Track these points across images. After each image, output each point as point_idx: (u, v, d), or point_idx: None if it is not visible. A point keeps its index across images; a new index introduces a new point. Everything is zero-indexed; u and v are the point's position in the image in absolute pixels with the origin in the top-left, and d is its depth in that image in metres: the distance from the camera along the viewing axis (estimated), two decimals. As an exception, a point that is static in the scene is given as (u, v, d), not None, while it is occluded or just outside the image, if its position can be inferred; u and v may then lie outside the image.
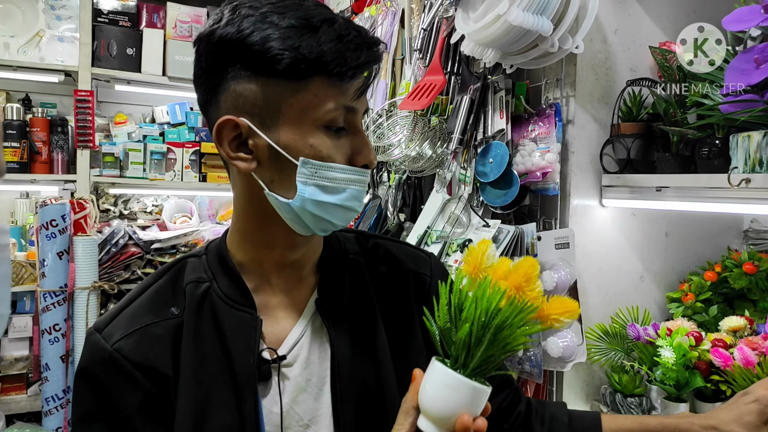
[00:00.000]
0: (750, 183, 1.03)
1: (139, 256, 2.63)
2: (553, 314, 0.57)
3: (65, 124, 2.63)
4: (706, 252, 1.51)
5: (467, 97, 1.50)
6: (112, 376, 0.69)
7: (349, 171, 0.70)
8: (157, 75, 2.76)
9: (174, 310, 0.73)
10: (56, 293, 2.33)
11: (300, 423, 0.74)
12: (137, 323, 0.72)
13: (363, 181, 0.71)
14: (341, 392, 0.74)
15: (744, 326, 1.23)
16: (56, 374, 2.31)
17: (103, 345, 0.70)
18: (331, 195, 0.69)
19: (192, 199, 3.04)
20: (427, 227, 1.60)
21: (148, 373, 0.70)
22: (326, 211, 0.70)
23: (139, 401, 0.69)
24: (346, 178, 0.69)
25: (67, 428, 2.32)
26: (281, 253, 0.76)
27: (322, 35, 0.65)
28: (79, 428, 0.71)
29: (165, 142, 2.83)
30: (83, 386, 0.70)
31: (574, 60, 1.36)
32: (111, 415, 0.69)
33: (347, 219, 0.72)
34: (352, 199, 0.70)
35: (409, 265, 0.85)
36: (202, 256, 0.79)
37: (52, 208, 2.33)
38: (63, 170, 2.62)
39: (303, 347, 0.76)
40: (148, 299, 0.75)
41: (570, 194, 1.38)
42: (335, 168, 0.69)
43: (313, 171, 0.68)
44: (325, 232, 0.73)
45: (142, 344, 0.70)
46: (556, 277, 1.32)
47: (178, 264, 0.78)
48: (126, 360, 0.69)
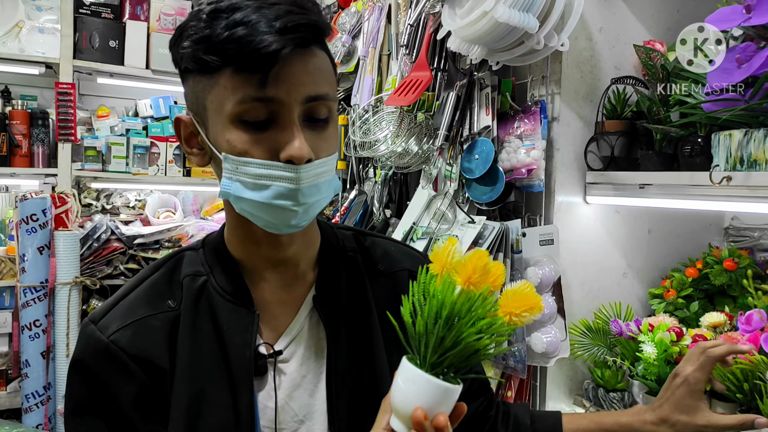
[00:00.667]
0: (731, 181, 1.05)
1: (121, 252, 2.60)
2: (514, 310, 0.55)
3: (46, 117, 2.58)
4: (688, 249, 1.53)
5: (453, 93, 1.50)
6: (108, 367, 0.69)
7: (270, 167, 0.65)
8: (140, 68, 2.72)
9: (171, 302, 0.72)
10: (37, 288, 2.29)
11: (295, 419, 0.74)
12: (134, 315, 0.71)
13: (288, 177, 0.64)
14: (336, 389, 0.74)
15: (724, 322, 1.25)
16: (36, 371, 2.28)
17: (99, 336, 0.69)
18: (255, 192, 0.66)
19: (176, 194, 3.01)
20: (412, 223, 1.60)
21: (144, 365, 0.69)
22: (257, 209, 0.67)
23: (134, 394, 0.69)
24: (267, 174, 0.65)
25: (47, 425, 2.29)
26: (268, 251, 0.75)
27: (224, 26, 0.62)
28: (73, 421, 0.70)
29: (148, 136, 2.80)
30: (77, 378, 0.70)
31: (559, 57, 1.37)
32: (105, 407, 0.69)
33: (286, 219, 0.67)
34: (280, 197, 0.65)
35: (404, 264, 0.85)
36: (199, 249, 0.78)
37: (33, 203, 2.29)
38: (44, 164, 2.57)
39: (300, 343, 0.75)
40: (145, 291, 0.74)
41: (555, 191, 1.39)
42: (252, 163, 0.65)
43: (234, 167, 0.66)
44: (278, 231, 0.70)
45: (138, 336, 0.70)
46: (541, 273, 1.33)
47: (175, 257, 0.78)
48: (122, 352, 0.69)
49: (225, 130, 0.66)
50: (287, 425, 0.73)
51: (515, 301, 0.55)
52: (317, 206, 0.70)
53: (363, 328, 0.78)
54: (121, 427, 0.69)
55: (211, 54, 0.63)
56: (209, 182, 2.90)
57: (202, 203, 3.16)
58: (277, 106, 0.65)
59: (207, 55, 0.64)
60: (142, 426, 0.69)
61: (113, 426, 0.69)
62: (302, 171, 0.65)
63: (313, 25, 0.64)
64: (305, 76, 0.65)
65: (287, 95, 0.64)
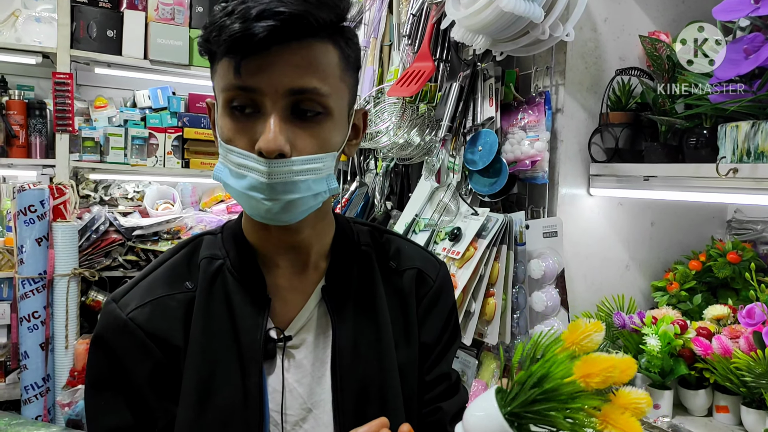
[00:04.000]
0: (737, 173, 1.04)
1: (120, 243, 2.58)
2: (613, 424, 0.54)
3: (43, 107, 2.56)
4: (691, 242, 1.53)
5: (456, 84, 1.49)
6: (125, 344, 0.71)
7: (245, 156, 0.64)
8: (138, 58, 2.69)
9: (188, 284, 0.74)
10: (35, 280, 2.28)
11: (303, 406, 0.74)
12: (152, 295, 0.73)
13: (258, 170, 0.64)
14: (341, 381, 0.74)
15: (727, 315, 1.25)
16: (35, 362, 2.27)
17: (118, 314, 0.72)
18: (235, 180, 0.67)
19: (174, 185, 2.99)
20: (415, 215, 1.59)
21: (160, 343, 0.71)
22: (237, 196, 0.68)
23: (149, 370, 0.71)
24: (243, 163, 0.65)
25: (47, 417, 2.28)
26: (276, 236, 0.75)
27: (219, 14, 0.64)
28: (91, 393, 0.73)
29: (147, 127, 2.78)
30: (97, 353, 0.73)
31: (564, 48, 1.36)
32: (122, 383, 0.71)
33: (260, 210, 0.67)
34: (252, 189, 0.65)
35: (415, 263, 0.84)
36: (218, 234, 0.80)
37: (31, 194, 2.27)
38: (41, 155, 2.55)
39: (309, 331, 0.76)
40: (164, 273, 0.76)
41: (558, 183, 1.38)
42: (235, 152, 0.66)
43: (225, 153, 0.68)
44: (256, 218, 0.70)
45: (155, 315, 0.72)
46: (544, 266, 1.33)
47: (195, 240, 0.80)
48: (140, 329, 0.71)
49: (221, 117, 0.68)
50: (295, 412, 0.74)
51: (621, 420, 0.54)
52: (300, 204, 0.67)
53: (372, 323, 0.78)
54: (136, 402, 0.71)
55: (208, 41, 0.66)
56: (208, 174, 2.88)
57: (200, 195, 3.15)
58: (258, 96, 0.64)
59: (206, 43, 0.67)
60: (155, 402, 0.71)
61: (129, 400, 0.71)
62: (274, 165, 0.64)
63: (299, 15, 0.62)
64: (291, 67, 0.64)
65: (268, 86, 0.63)
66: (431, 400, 0.83)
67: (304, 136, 0.66)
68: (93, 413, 0.73)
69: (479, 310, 1.36)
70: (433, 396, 0.83)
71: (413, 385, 0.81)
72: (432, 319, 0.83)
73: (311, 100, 0.65)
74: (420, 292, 0.83)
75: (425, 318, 0.83)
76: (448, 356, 0.86)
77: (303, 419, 0.74)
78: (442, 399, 0.84)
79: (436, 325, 0.83)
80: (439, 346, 0.84)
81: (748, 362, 1.07)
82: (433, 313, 0.83)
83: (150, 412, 0.71)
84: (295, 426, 0.74)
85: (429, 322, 0.83)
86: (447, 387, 0.85)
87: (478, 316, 1.37)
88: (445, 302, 0.85)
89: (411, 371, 0.80)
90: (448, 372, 0.86)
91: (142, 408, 0.71)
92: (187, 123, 2.84)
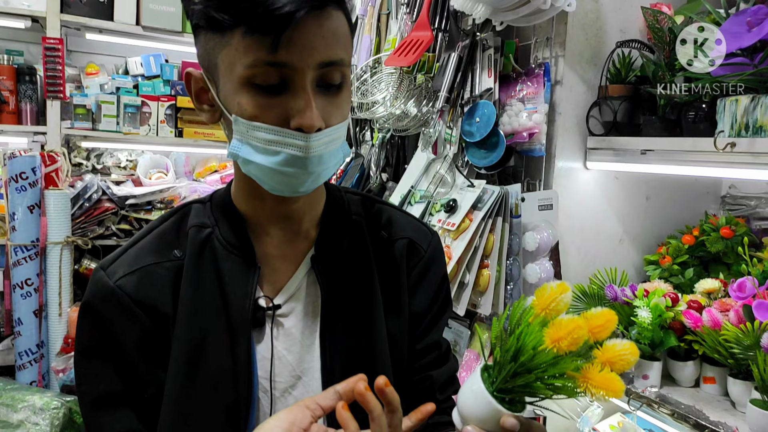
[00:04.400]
0: (735, 147, 1.04)
1: (113, 212, 2.57)
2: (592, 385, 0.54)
3: (33, 73, 2.51)
4: (684, 216, 1.54)
5: (455, 54, 1.47)
6: (113, 311, 0.71)
7: (280, 133, 0.64)
8: (130, 24, 2.64)
9: (177, 252, 0.74)
10: (27, 248, 2.27)
11: (292, 373, 0.75)
12: (140, 262, 0.73)
13: (297, 146, 0.64)
14: (330, 349, 0.75)
15: (718, 288, 1.27)
16: (29, 329, 2.28)
17: (106, 281, 0.72)
18: (264, 156, 0.65)
19: (168, 154, 2.96)
20: (410, 187, 1.59)
21: (148, 310, 0.71)
22: (263, 173, 0.67)
23: (138, 337, 0.71)
24: (276, 140, 0.64)
25: (41, 382, 2.30)
26: (271, 205, 0.75)
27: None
28: (81, 360, 0.73)
29: (139, 95, 2.74)
30: (86, 320, 0.73)
31: (564, 19, 1.34)
32: (111, 350, 0.71)
33: (291, 186, 0.67)
34: (288, 164, 0.65)
35: (407, 233, 0.84)
36: (206, 202, 0.79)
37: (22, 160, 2.25)
38: (32, 121, 2.52)
39: (298, 300, 0.76)
40: (152, 241, 0.76)
41: (555, 156, 1.38)
42: (262, 128, 0.64)
43: (245, 130, 0.65)
44: (281, 193, 0.69)
45: (143, 282, 0.72)
46: (539, 238, 1.33)
47: (184, 208, 0.79)
48: (128, 296, 0.71)
49: (236, 93, 0.64)
50: (284, 379, 0.74)
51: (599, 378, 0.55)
52: (326, 174, 0.69)
53: (362, 292, 0.78)
54: (125, 369, 0.71)
55: (222, 12, 0.61)
56: (202, 143, 2.86)
57: (194, 165, 3.12)
58: (289, 71, 0.62)
59: (219, 13, 0.61)
60: (144, 369, 0.71)
61: (118, 367, 0.71)
62: (312, 140, 0.64)
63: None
64: (319, 39, 0.62)
65: (300, 60, 0.62)
66: (421, 368, 0.84)
67: (330, 108, 0.66)
68: (83, 380, 0.73)
69: (473, 281, 1.37)
70: (423, 364, 0.84)
71: (403, 353, 0.81)
72: (423, 289, 0.83)
73: (337, 71, 0.65)
74: (411, 262, 0.83)
75: (416, 287, 0.83)
76: (439, 325, 0.86)
77: (292, 386, 0.75)
78: (432, 368, 0.85)
79: (427, 294, 0.84)
80: (430, 315, 0.84)
81: (737, 334, 1.09)
82: (423, 282, 0.83)
83: (139, 379, 0.71)
84: (284, 393, 0.74)
85: (420, 292, 0.83)
86: (437, 356, 0.86)
87: (471, 287, 1.38)
88: (436, 272, 0.85)
89: (401, 340, 0.80)
90: (438, 341, 0.86)
91: (132, 375, 0.71)
92: (180, 91, 2.80)
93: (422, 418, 0.62)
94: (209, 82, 0.68)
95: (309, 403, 0.61)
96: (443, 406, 0.85)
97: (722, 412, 1.12)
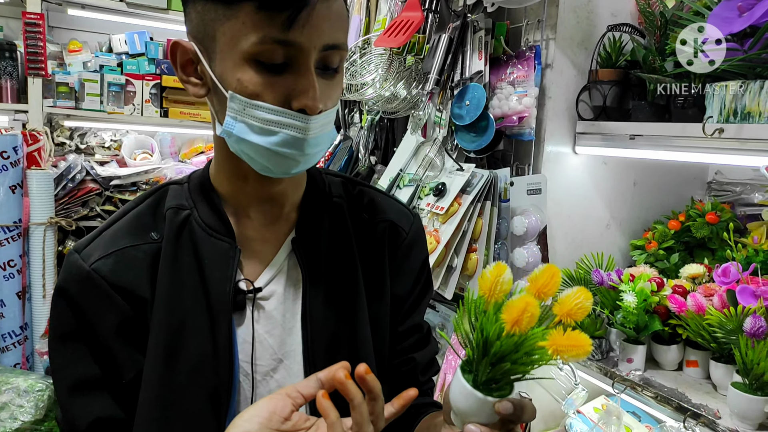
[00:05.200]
0: (723, 133, 1.04)
1: (97, 193, 2.53)
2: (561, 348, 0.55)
3: (13, 49, 2.45)
4: (671, 202, 1.55)
5: (445, 36, 1.45)
6: (88, 295, 0.69)
7: (280, 113, 0.63)
8: (114, 0, 2.58)
9: (154, 234, 0.72)
10: (10, 228, 2.23)
11: (273, 357, 0.74)
12: (116, 245, 0.71)
13: (298, 127, 0.63)
14: (312, 332, 0.74)
15: (703, 273, 1.28)
16: (12, 310, 2.25)
17: (81, 264, 0.70)
18: (261, 136, 0.64)
19: (153, 135, 2.92)
20: (399, 170, 1.58)
21: (125, 294, 0.69)
22: (258, 153, 0.65)
23: (115, 322, 0.69)
24: (276, 120, 0.63)
25: (25, 364, 2.28)
26: (255, 187, 0.73)
27: None
28: (56, 346, 0.71)
29: (123, 74, 2.68)
30: (61, 305, 0.70)
31: (556, 1, 1.33)
32: (87, 334, 0.69)
33: (285, 167, 0.67)
34: (286, 145, 0.64)
35: (388, 215, 0.83)
36: (184, 183, 0.77)
37: (3, 139, 2.20)
38: (13, 99, 2.45)
39: (279, 283, 0.75)
40: (129, 223, 0.74)
41: (545, 140, 1.38)
42: (263, 107, 0.62)
43: (241, 108, 0.63)
44: (272, 174, 0.69)
45: (120, 266, 0.70)
46: (527, 223, 1.33)
47: (160, 190, 0.77)
48: (103, 280, 0.69)
49: (236, 68, 0.62)
50: (266, 362, 0.74)
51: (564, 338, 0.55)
52: (318, 155, 0.69)
53: (344, 275, 0.77)
54: (102, 354, 0.69)
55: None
56: (187, 124, 2.81)
57: (180, 146, 3.08)
58: (296, 51, 0.61)
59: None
60: (122, 354, 0.70)
61: (94, 352, 0.69)
62: (312, 121, 0.64)
63: None
64: (327, 22, 0.62)
65: (308, 41, 0.61)
66: (403, 351, 0.84)
67: (328, 90, 0.66)
68: (58, 365, 0.71)
69: (461, 265, 1.37)
70: (405, 346, 0.84)
71: (384, 336, 0.81)
72: (404, 271, 0.83)
73: (337, 54, 0.65)
74: (392, 244, 0.82)
75: (398, 270, 0.82)
76: (421, 308, 0.87)
77: (273, 369, 0.74)
78: (414, 350, 0.85)
79: (409, 277, 0.83)
80: (412, 297, 0.84)
81: (720, 319, 1.10)
82: (405, 265, 0.83)
83: (117, 364, 0.70)
84: (265, 376, 0.74)
85: (401, 274, 0.82)
86: (419, 338, 0.86)
87: (460, 271, 1.38)
88: (417, 254, 0.85)
89: (382, 322, 0.80)
90: (420, 323, 0.87)
91: (109, 360, 0.70)
92: (165, 70, 2.75)
93: (405, 404, 0.61)
94: (201, 53, 0.66)
95: (290, 391, 0.60)
96: (425, 387, 0.86)
97: (704, 395, 1.13)
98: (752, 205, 1.44)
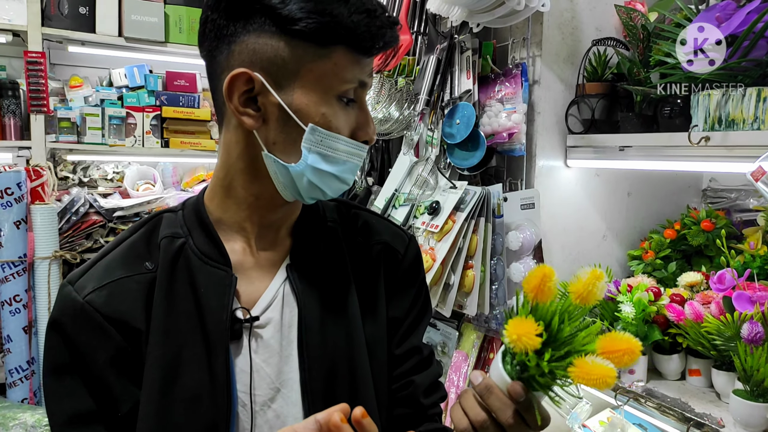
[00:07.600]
0: (709, 141, 1.05)
1: (101, 225, 2.56)
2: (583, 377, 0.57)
3: (16, 87, 2.50)
4: (666, 211, 1.55)
5: (434, 57, 1.48)
6: (83, 328, 0.68)
7: (352, 144, 0.70)
8: (113, 36, 2.63)
9: (148, 264, 0.72)
10: (15, 263, 2.26)
11: (271, 386, 0.73)
12: (110, 276, 0.70)
13: (361, 156, 0.72)
14: (309, 359, 0.73)
15: (700, 281, 1.28)
16: (19, 346, 2.26)
17: (74, 297, 0.69)
18: (331, 165, 0.69)
19: (155, 165, 2.95)
20: (394, 190, 1.60)
21: (119, 326, 0.68)
22: (322, 180, 0.70)
23: (110, 355, 0.68)
24: (348, 150, 0.70)
25: (33, 399, 2.29)
26: (262, 214, 0.74)
27: (352, 6, 0.65)
28: (51, 380, 0.70)
29: (124, 107, 2.73)
30: (55, 338, 0.70)
31: (540, 19, 1.35)
32: (82, 367, 0.68)
33: (339, 191, 0.73)
34: (349, 171, 0.72)
35: (383, 237, 0.84)
36: (178, 211, 0.77)
37: (7, 176, 2.23)
38: (16, 136, 2.50)
39: (275, 310, 0.75)
40: (122, 253, 0.73)
41: (536, 155, 1.39)
42: (340, 140, 0.69)
43: (320, 139, 0.68)
44: (313, 200, 0.74)
45: (114, 297, 0.69)
46: (522, 237, 1.34)
47: (154, 219, 0.77)
48: (97, 312, 0.68)
49: (321, 103, 0.67)
50: (263, 392, 0.73)
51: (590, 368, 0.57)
52: None
53: (339, 299, 0.77)
54: (97, 387, 0.68)
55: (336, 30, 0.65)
56: (188, 153, 2.85)
57: (181, 175, 3.11)
58: (363, 90, 0.71)
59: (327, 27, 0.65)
60: (118, 386, 0.69)
61: (89, 385, 0.68)
62: (365, 150, 0.73)
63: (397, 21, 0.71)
64: None
65: (371, 82, 0.73)
66: (402, 375, 0.83)
67: None
68: (53, 399, 0.70)
69: (458, 282, 1.38)
70: (404, 370, 0.83)
71: (381, 360, 0.80)
72: (401, 294, 0.83)
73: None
74: (388, 266, 0.82)
75: (394, 292, 0.82)
76: (419, 330, 0.85)
77: (271, 399, 0.73)
78: (413, 372, 0.83)
79: (405, 299, 0.83)
80: (408, 319, 0.83)
81: (718, 326, 1.10)
82: (401, 287, 0.83)
83: (112, 397, 0.69)
84: (263, 406, 0.73)
85: (398, 297, 0.82)
86: (419, 360, 0.84)
87: (457, 288, 1.38)
88: (413, 276, 0.84)
89: (379, 347, 0.80)
90: (419, 346, 0.85)
91: (104, 393, 0.68)
92: (165, 101, 2.79)
93: None
94: (270, 85, 0.66)
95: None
96: (430, 412, 0.83)
97: (707, 404, 1.13)
98: (748, 211, 1.44)
